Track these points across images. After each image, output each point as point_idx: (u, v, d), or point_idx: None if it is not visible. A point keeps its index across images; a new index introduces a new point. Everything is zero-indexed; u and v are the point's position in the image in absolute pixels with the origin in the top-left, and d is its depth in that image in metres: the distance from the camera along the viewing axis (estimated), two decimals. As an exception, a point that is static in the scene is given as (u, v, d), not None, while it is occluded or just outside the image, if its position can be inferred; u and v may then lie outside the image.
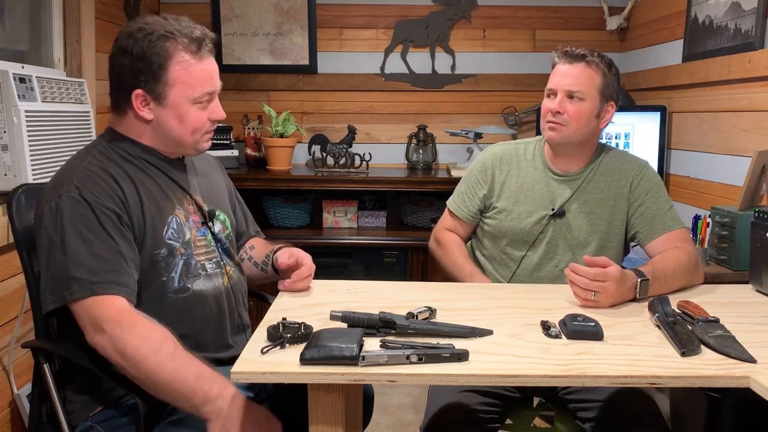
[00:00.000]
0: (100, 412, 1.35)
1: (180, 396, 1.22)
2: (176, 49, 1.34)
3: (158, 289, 1.37)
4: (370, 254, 3.17)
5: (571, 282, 1.47)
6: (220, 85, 1.44)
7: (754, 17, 2.19)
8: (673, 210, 1.75)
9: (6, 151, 1.94)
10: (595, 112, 1.72)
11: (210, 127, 1.43)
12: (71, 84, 2.28)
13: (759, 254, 1.62)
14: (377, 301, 1.46)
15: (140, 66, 1.33)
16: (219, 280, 1.47)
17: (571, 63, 1.71)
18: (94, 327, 1.24)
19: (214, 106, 1.42)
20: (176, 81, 1.34)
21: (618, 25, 3.34)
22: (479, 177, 1.87)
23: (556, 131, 1.72)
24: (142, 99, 1.35)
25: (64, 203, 1.27)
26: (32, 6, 2.37)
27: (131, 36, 1.34)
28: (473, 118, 3.51)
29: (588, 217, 1.77)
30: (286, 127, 3.23)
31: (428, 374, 1.11)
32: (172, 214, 1.40)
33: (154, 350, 1.22)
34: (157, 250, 1.36)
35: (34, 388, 1.43)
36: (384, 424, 2.59)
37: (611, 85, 1.73)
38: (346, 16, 3.47)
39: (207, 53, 1.39)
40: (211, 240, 1.49)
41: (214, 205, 1.54)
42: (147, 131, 1.40)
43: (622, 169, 1.79)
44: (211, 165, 1.66)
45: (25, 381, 2.03)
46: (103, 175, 1.33)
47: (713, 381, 1.14)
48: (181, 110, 1.37)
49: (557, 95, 1.72)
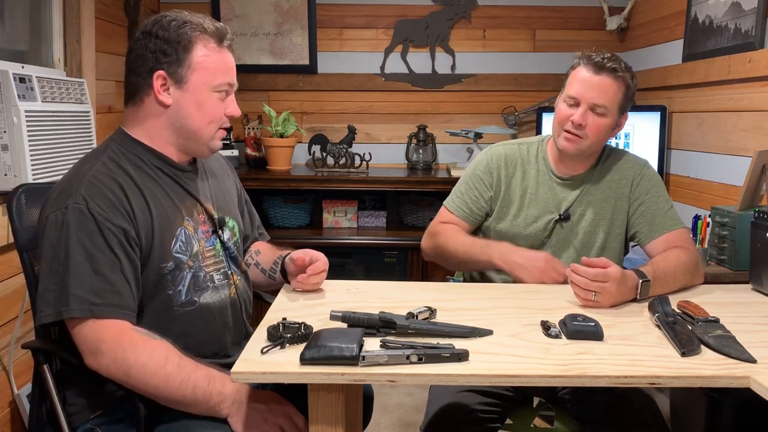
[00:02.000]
0: (100, 414, 1.35)
1: (195, 402, 1.24)
2: (201, 36, 1.35)
3: (164, 302, 1.35)
4: (370, 254, 3.17)
5: (571, 282, 1.46)
6: (237, 84, 1.44)
7: (754, 17, 2.19)
8: (673, 210, 1.74)
9: (6, 151, 1.94)
10: (613, 125, 1.69)
11: (225, 122, 1.42)
12: (71, 84, 2.28)
13: (759, 254, 1.62)
14: (377, 301, 1.46)
15: (165, 48, 1.33)
16: (225, 292, 1.45)
17: (599, 74, 1.64)
18: (91, 349, 1.23)
19: (230, 101, 1.42)
20: (198, 66, 1.35)
21: (618, 25, 3.34)
22: (484, 178, 1.81)
23: (573, 143, 1.67)
24: (162, 81, 1.34)
25: (70, 215, 1.25)
26: (32, 6, 2.37)
27: (157, 22, 1.35)
28: (473, 118, 3.51)
29: (592, 218, 1.76)
30: (286, 127, 3.23)
31: (428, 374, 1.11)
32: (181, 226, 1.38)
33: (160, 365, 1.22)
34: (163, 264, 1.34)
35: (34, 389, 1.43)
36: (384, 424, 2.58)
37: (630, 97, 1.69)
38: (346, 16, 3.47)
39: (227, 47, 1.40)
40: (219, 249, 1.47)
41: (224, 211, 1.52)
42: (162, 121, 1.37)
43: (623, 168, 1.77)
44: (222, 166, 1.64)
45: (25, 381, 2.03)
46: (111, 185, 1.30)
47: (713, 381, 1.14)
48: (201, 96, 1.36)
49: (580, 105, 1.64)
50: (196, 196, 1.44)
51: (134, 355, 1.22)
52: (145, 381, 1.23)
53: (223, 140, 3.32)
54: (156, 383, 1.23)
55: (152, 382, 1.22)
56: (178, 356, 1.25)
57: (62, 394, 1.36)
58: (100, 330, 1.23)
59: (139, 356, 1.22)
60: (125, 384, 1.24)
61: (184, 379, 1.23)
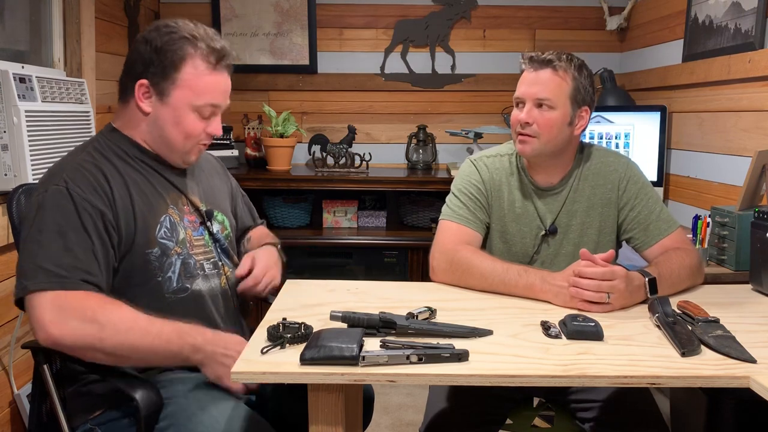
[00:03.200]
0: (100, 414, 1.35)
1: (170, 355, 1.28)
2: (194, 54, 1.35)
3: (154, 290, 1.36)
4: (370, 254, 3.17)
5: (579, 290, 1.40)
6: (228, 103, 1.44)
7: (754, 17, 2.19)
8: (665, 210, 1.69)
9: (6, 151, 1.94)
10: (567, 119, 1.60)
11: (205, 139, 1.43)
12: (71, 84, 2.28)
13: (759, 254, 1.62)
14: (377, 301, 1.46)
15: (154, 58, 1.34)
16: (216, 281, 1.47)
17: (538, 69, 1.59)
18: (55, 318, 1.20)
19: (214, 121, 1.42)
20: (184, 84, 1.35)
21: (618, 25, 3.34)
22: (480, 188, 1.71)
23: (526, 144, 1.61)
24: (144, 90, 1.36)
25: (50, 195, 1.28)
26: (32, 6, 2.37)
27: (157, 29, 1.36)
28: (473, 118, 3.51)
29: (579, 228, 1.69)
30: (286, 127, 3.23)
31: (428, 374, 1.11)
32: (166, 213, 1.40)
33: (132, 320, 1.24)
34: (149, 249, 1.35)
35: (34, 389, 1.43)
36: (384, 424, 2.59)
37: (584, 89, 1.61)
38: (346, 16, 3.47)
39: (223, 68, 1.40)
40: (209, 240, 1.49)
41: (213, 206, 1.53)
42: (143, 125, 1.40)
43: (606, 172, 1.70)
44: (213, 165, 1.66)
45: (25, 381, 2.03)
46: (94, 171, 1.33)
47: (713, 381, 1.14)
48: (180, 113, 1.37)
49: (525, 104, 1.61)
50: (181, 189, 1.46)
51: (104, 313, 1.22)
52: (120, 338, 1.22)
53: (223, 140, 3.36)
54: (132, 341, 1.23)
55: (127, 342, 1.23)
56: (145, 315, 1.27)
57: (62, 394, 1.36)
58: (66, 298, 1.22)
59: (110, 315, 1.23)
60: (95, 347, 1.22)
61: (158, 332, 1.25)
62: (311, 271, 3.14)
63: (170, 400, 1.29)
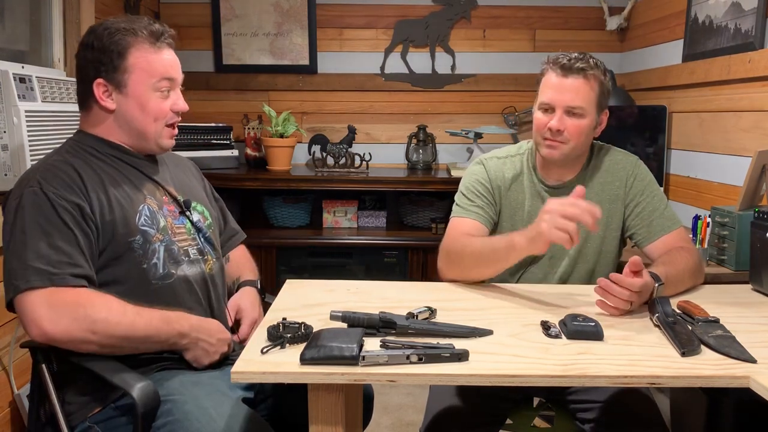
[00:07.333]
0: (98, 412, 1.35)
1: (158, 342, 1.36)
2: (135, 40, 1.41)
3: (140, 278, 1.39)
4: (370, 254, 3.17)
5: (608, 294, 1.40)
6: (182, 77, 1.50)
7: (754, 17, 2.19)
8: (669, 208, 1.71)
9: (6, 151, 1.94)
10: (593, 125, 1.64)
11: (172, 118, 1.48)
12: (71, 84, 2.28)
13: (759, 254, 1.62)
14: (377, 301, 1.46)
15: (101, 57, 1.40)
16: (201, 267, 1.50)
17: (568, 76, 1.59)
18: (49, 316, 1.25)
19: (176, 97, 1.48)
20: (135, 68, 1.40)
21: (618, 25, 3.34)
22: (486, 186, 1.73)
23: (556, 149, 1.63)
24: (103, 88, 1.41)
25: (26, 198, 1.31)
26: (32, 6, 2.37)
27: (93, 32, 1.42)
28: (473, 118, 3.51)
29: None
30: (286, 127, 3.23)
31: (428, 374, 1.11)
32: (143, 203, 1.44)
33: (121, 313, 1.30)
34: (131, 238, 1.39)
35: (32, 388, 1.43)
36: (384, 424, 2.58)
37: (606, 93, 1.64)
38: (346, 16, 3.47)
39: (165, 45, 1.46)
40: (191, 228, 1.52)
41: (189, 197, 1.57)
42: (112, 124, 1.44)
43: (615, 169, 1.73)
44: (187, 166, 1.70)
45: (25, 381, 2.03)
46: (66, 169, 1.36)
47: (713, 381, 1.14)
48: (142, 98, 1.42)
49: (555, 111, 1.61)
50: (156, 180, 1.50)
51: (94, 310, 1.28)
52: (110, 333, 1.28)
53: (223, 140, 3.36)
54: (122, 332, 1.30)
55: (118, 333, 1.29)
56: (132, 305, 1.33)
57: (61, 393, 1.37)
58: (58, 294, 1.27)
59: (100, 311, 1.28)
60: (91, 342, 1.28)
61: (146, 322, 1.33)
62: (311, 271, 3.14)
63: (168, 397, 1.30)
